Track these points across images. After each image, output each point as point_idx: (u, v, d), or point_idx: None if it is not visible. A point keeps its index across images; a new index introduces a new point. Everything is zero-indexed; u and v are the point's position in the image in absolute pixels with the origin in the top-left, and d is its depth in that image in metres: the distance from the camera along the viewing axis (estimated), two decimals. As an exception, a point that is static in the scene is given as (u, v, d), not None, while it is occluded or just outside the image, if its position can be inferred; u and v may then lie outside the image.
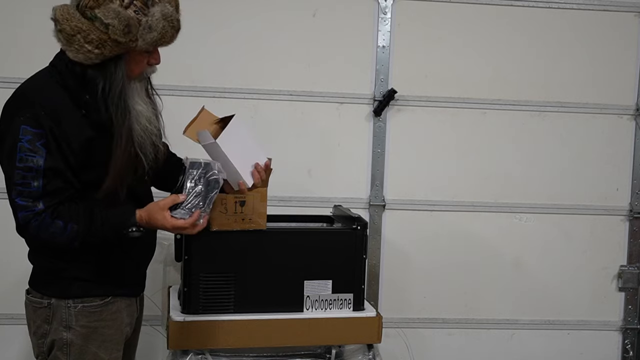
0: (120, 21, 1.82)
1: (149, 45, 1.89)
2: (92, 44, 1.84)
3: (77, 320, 2.02)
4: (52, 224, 1.89)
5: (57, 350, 2.03)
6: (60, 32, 1.88)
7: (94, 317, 2.04)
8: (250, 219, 2.40)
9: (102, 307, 2.06)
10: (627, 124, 3.40)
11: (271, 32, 3.20)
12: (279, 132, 3.22)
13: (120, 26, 1.82)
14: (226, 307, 2.44)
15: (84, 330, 2.03)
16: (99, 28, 1.83)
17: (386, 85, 3.25)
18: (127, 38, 1.84)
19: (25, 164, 1.85)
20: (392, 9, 3.23)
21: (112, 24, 1.82)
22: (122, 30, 1.83)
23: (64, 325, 2.02)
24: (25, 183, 1.86)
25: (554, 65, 3.34)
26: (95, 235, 1.94)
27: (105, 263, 2.05)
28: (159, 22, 1.88)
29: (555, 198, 3.39)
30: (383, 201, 3.30)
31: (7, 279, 3.12)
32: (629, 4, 3.33)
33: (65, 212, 1.91)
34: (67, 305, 2.02)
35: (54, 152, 1.87)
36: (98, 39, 1.84)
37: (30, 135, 1.85)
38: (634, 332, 3.47)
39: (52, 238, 1.90)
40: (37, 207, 1.87)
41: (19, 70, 3.04)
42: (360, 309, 2.54)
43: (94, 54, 1.85)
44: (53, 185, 1.89)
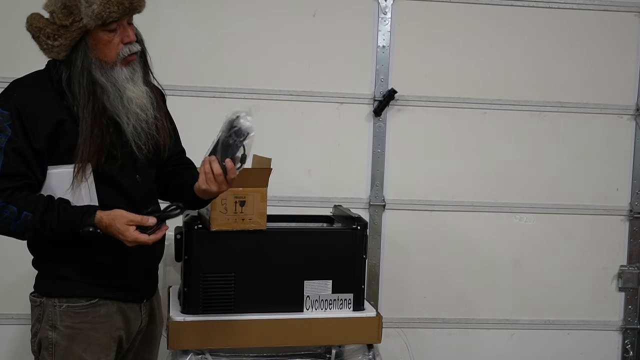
0: (58, 6, 1.85)
1: (97, 20, 1.84)
2: (50, 38, 1.88)
3: (62, 320, 1.99)
4: (6, 208, 1.84)
5: (44, 349, 2.00)
6: (33, 39, 1.92)
7: (79, 319, 2.00)
8: (250, 219, 2.40)
9: (88, 308, 2.00)
10: (627, 124, 3.40)
11: (271, 32, 3.20)
12: (279, 132, 3.22)
13: (59, 10, 1.85)
14: (226, 307, 2.44)
15: (68, 331, 1.99)
16: (49, 20, 1.88)
17: (386, 85, 3.25)
18: (71, 19, 1.85)
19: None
20: (392, 9, 3.23)
21: (54, 11, 1.86)
22: (63, 14, 1.84)
23: (50, 325, 1.99)
24: None
25: (554, 65, 3.34)
26: (48, 228, 1.86)
27: (92, 263, 1.99)
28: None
29: (555, 198, 3.39)
30: (383, 201, 3.30)
31: (7, 279, 3.12)
32: (629, 4, 3.33)
33: (22, 198, 1.86)
34: (54, 304, 1.99)
35: (20, 134, 1.86)
36: (52, 31, 1.87)
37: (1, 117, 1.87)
38: (634, 332, 3.47)
39: (5, 224, 1.85)
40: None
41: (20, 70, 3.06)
42: (360, 309, 2.54)
43: (57, 47, 1.88)
44: (12, 167, 1.85)
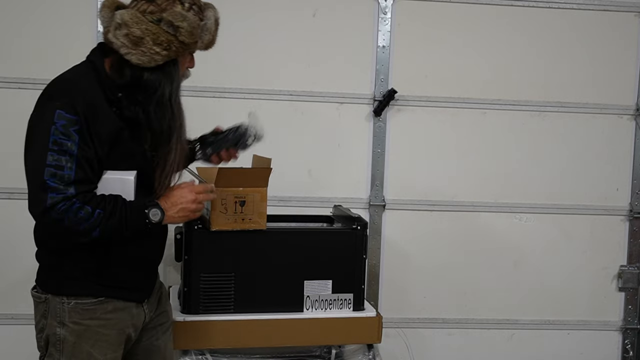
0: (189, 23, 1.92)
1: (204, 47, 2.02)
2: (160, 46, 1.91)
3: (70, 317, 2.00)
4: (82, 209, 1.86)
5: (52, 346, 2.02)
6: (126, 36, 1.90)
7: (87, 315, 2.01)
8: (250, 218, 2.40)
9: (95, 305, 2.02)
10: (627, 124, 3.40)
11: (271, 32, 3.20)
12: (279, 132, 3.22)
13: (188, 28, 1.92)
14: (226, 307, 2.44)
15: (76, 328, 2.00)
16: (167, 30, 1.91)
17: (386, 85, 3.25)
18: (192, 39, 1.95)
19: (59, 147, 1.85)
20: (392, 9, 3.23)
21: (182, 26, 1.91)
22: (189, 32, 1.93)
23: (57, 321, 2.01)
24: (59, 166, 1.85)
25: (554, 65, 3.34)
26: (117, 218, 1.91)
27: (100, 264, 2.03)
28: (212, 25, 2.01)
29: (555, 198, 3.39)
30: (383, 201, 3.30)
31: (7, 278, 3.12)
32: (629, 4, 3.33)
33: (94, 199, 1.91)
34: (62, 301, 2.00)
35: (87, 140, 1.88)
36: (167, 41, 1.91)
37: (65, 120, 1.86)
38: (634, 332, 3.47)
39: (76, 224, 1.87)
40: (68, 191, 1.85)
41: (19, 70, 3.07)
42: (360, 309, 2.54)
43: (161, 56, 1.92)
44: (83, 172, 1.89)
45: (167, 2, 1.92)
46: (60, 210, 1.84)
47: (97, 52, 2.01)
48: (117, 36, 1.90)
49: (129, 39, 1.89)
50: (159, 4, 1.91)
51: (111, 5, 1.97)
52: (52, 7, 3.06)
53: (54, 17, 3.06)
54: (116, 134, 1.94)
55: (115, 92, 1.95)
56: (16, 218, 3.07)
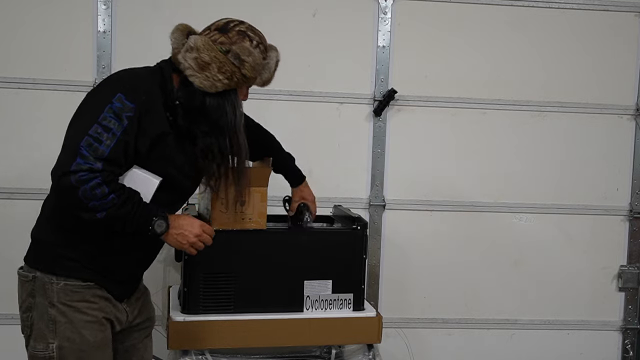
0: (254, 59, 2.06)
1: (261, 83, 2.15)
2: (223, 75, 2.03)
3: (59, 297, 2.04)
4: (100, 186, 1.89)
5: (43, 325, 2.06)
6: (195, 60, 2.01)
7: (76, 297, 2.05)
8: (250, 218, 2.40)
9: (84, 289, 2.06)
10: (627, 124, 3.40)
11: (271, 32, 3.18)
12: (279, 132, 3.22)
13: (252, 63, 2.05)
14: (226, 307, 2.44)
15: (66, 309, 2.04)
16: (232, 62, 2.03)
17: (386, 85, 3.25)
18: (253, 74, 2.07)
19: (106, 124, 1.91)
20: (392, 9, 3.23)
21: (247, 61, 2.04)
22: (252, 67, 2.06)
23: (48, 301, 2.04)
24: (98, 139, 1.89)
25: (554, 65, 3.34)
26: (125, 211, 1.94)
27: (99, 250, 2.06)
28: (272, 66, 2.17)
29: (555, 198, 3.39)
30: (383, 201, 3.29)
31: (7, 278, 3.11)
32: (629, 4, 3.33)
33: (115, 183, 1.94)
34: (50, 280, 2.04)
35: (134, 129, 1.95)
36: (230, 71, 2.03)
37: (121, 104, 1.93)
38: (634, 332, 3.47)
39: (87, 198, 1.89)
40: (95, 164, 1.88)
41: (19, 70, 3.07)
42: (360, 309, 2.54)
43: (222, 84, 2.03)
44: (117, 155, 1.93)
45: (238, 37, 2.06)
46: (80, 178, 1.87)
47: (168, 63, 2.10)
48: (186, 58, 2.02)
49: (196, 62, 2.01)
50: (231, 37, 2.06)
51: (184, 29, 2.12)
52: (51, 7, 3.06)
53: (53, 17, 3.06)
54: (161, 136, 2.01)
55: (173, 100, 2.04)
56: (16, 218, 3.08)
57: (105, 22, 3.07)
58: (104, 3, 3.06)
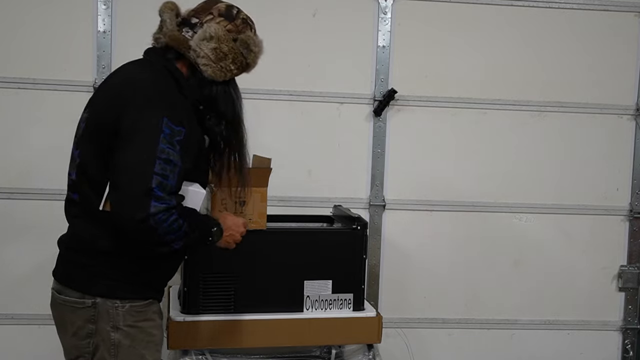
0: (259, 50, 2.07)
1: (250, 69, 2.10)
2: (235, 65, 2.02)
3: (125, 320, 1.98)
4: (176, 221, 1.85)
5: (104, 351, 1.98)
6: (214, 51, 1.98)
7: (141, 317, 2.01)
8: (250, 218, 2.40)
9: (146, 307, 2.03)
10: (627, 124, 3.40)
11: (271, 32, 3.18)
12: (279, 132, 3.22)
13: (259, 54, 2.07)
14: (226, 307, 2.44)
15: (131, 330, 1.99)
16: (242, 52, 2.03)
17: (386, 85, 3.25)
18: (254, 64, 2.09)
19: (166, 156, 1.83)
20: (392, 9, 3.23)
21: (254, 51, 2.05)
22: (256, 58, 2.07)
23: (111, 326, 1.98)
24: (165, 175, 1.83)
25: (554, 65, 3.34)
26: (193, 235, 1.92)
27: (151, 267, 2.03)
28: (259, 50, 2.10)
29: (555, 198, 3.39)
30: (383, 201, 3.29)
31: (7, 278, 3.12)
32: (629, 4, 3.33)
33: (184, 211, 1.91)
34: (114, 304, 1.97)
35: (185, 152, 1.89)
36: (239, 61, 2.03)
37: (170, 130, 1.85)
38: (634, 332, 3.47)
39: (166, 234, 1.85)
40: (171, 201, 1.83)
41: (19, 70, 3.07)
42: (360, 309, 2.54)
43: (232, 74, 2.03)
44: (180, 182, 1.90)
45: (243, 25, 2.05)
46: (159, 219, 1.81)
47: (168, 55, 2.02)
48: (202, 46, 1.97)
49: (215, 53, 1.97)
50: (237, 24, 2.03)
51: (174, 8, 2.05)
52: (51, 7, 3.06)
53: (53, 17, 3.06)
54: (199, 145, 2.01)
55: (197, 104, 2.01)
56: (16, 218, 3.08)
57: (105, 22, 3.07)
58: (104, 3, 3.06)
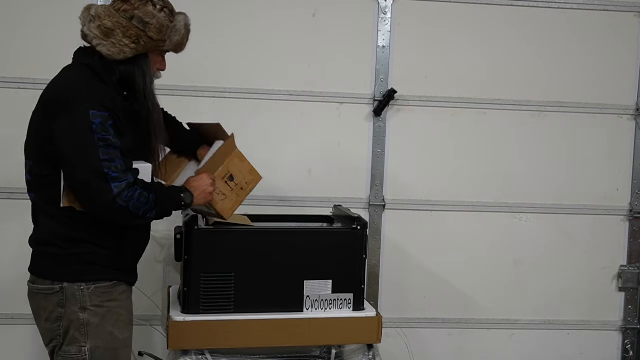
0: (158, 22, 2.11)
1: (172, 47, 2.18)
2: (129, 39, 2.09)
3: (92, 300, 2.13)
4: (142, 195, 2.05)
5: (75, 331, 2.13)
6: (99, 28, 2.09)
7: (106, 297, 2.15)
8: (246, 182, 2.41)
9: (112, 288, 2.17)
10: (627, 124, 3.40)
11: (271, 32, 3.20)
12: (279, 132, 3.22)
13: (157, 25, 2.11)
14: (226, 307, 2.44)
15: (99, 310, 2.14)
16: (137, 25, 2.09)
17: (386, 85, 3.25)
18: (160, 36, 2.13)
19: (104, 143, 2.01)
20: (392, 9, 3.23)
21: (151, 23, 2.10)
22: (157, 29, 2.11)
23: (79, 307, 2.12)
24: (111, 158, 2.01)
25: (554, 65, 3.34)
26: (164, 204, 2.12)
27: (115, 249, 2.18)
28: (181, 28, 2.19)
29: (555, 198, 3.39)
30: (383, 201, 3.29)
31: (7, 279, 3.12)
32: (629, 4, 3.33)
33: (145, 184, 2.10)
34: (80, 287, 2.12)
35: (120, 132, 2.06)
36: (136, 35, 2.09)
37: (100, 117, 2.01)
38: (634, 332, 3.47)
39: (138, 208, 2.05)
40: (128, 177, 2.03)
41: (19, 70, 3.07)
42: (360, 309, 2.54)
43: (130, 48, 2.09)
44: (128, 159, 2.07)
45: (140, 3, 2.11)
46: (126, 197, 2.02)
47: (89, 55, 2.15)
48: (90, 29, 2.11)
49: (100, 30, 2.09)
50: (133, 3, 2.11)
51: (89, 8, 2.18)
52: (51, 7, 3.06)
53: (53, 17, 3.06)
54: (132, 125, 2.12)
55: (121, 91, 2.12)
56: (16, 218, 3.07)
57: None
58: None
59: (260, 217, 2.75)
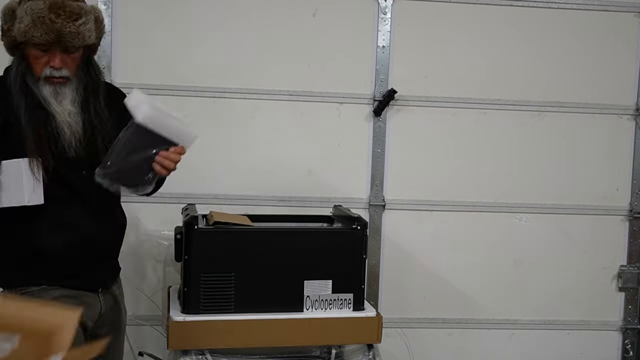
0: (4, 9, 2.05)
1: (21, 37, 2.01)
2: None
3: None
4: None
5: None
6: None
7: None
8: None
9: (41, 293, 2.07)
10: (627, 124, 3.40)
11: (271, 31, 3.20)
12: (279, 132, 3.22)
13: (2, 13, 2.06)
14: (226, 307, 2.44)
15: None
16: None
17: (386, 85, 3.25)
18: (6, 26, 2.05)
19: None
20: (392, 9, 3.23)
21: (1, 12, 2.06)
22: (4, 18, 2.06)
23: None
24: None
25: (554, 65, 3.34)
26: None
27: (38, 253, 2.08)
28: (26, 15, 2.00)
29: (555, 198, 3.39)
30: (383, 201, 3.30)
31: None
32: (629, 4, 3.33)
33: None
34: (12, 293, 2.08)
35: None
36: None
37: None
38: (634, 332, 3.47)
39: None
40: None
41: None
42: (360, 309, 2.54)
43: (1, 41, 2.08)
44: None
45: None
46: None
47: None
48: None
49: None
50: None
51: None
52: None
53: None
54: (4, 122, 2.03)
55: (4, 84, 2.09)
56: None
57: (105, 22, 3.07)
58: (104, 3, 3.06)
59: (260, 217, 2.75)
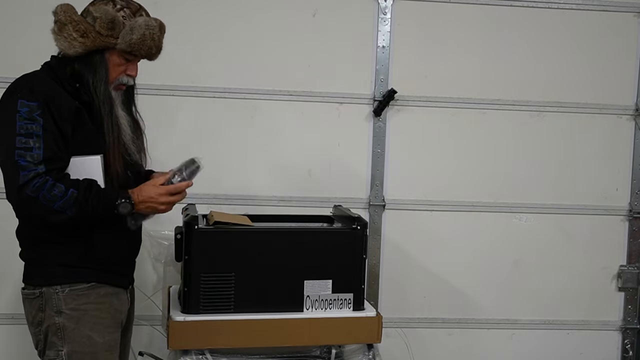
0: (107, 16, 2.08)
1: (128, 47, 2.11)
2: (78, 32, 2.08)
3: (66, 303, 2.11)
4: (55, 187, 1.97)
5: (52, 335, 2.11)
6: (55, 23, 2.11)
7: (83, 300, 2.12)
8: None
9: (88, 290, 2.14)
10: (627, 124, 3.40)
11: (271, 32, 3.20)
12: (279, 132, 3.23)
13: (105, 20, 2.08)
14: (226, 307, 2.44)
15: (74, 313, 2.11)
16: (87, 20, 2.10)
17: (386, 85, 3.25)
18: (108, 32, 2.09)
19: (26, 131, 1.98)
20: (392, 9, 3.23)
21: (99, 17, 2.08)
22: (106, 24, 2.08)
23: (54, 311, 2.11)
24: (27, 147, 1.97)
25: (553, 65, 3.34)
26: (90, 204, 2.02)
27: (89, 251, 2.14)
28: (140, 28, 2.12)
29: (555, 198, 3.39)
30: (383, 201, 3.30)
31: (7, 278, 3.12)
32: (629, 4, 3.34)
33: (67, 178, 2.02)
34: (55, 291, 2.11)
35: (49, 121, 2.01)
36: (84, 29, 2.08)
37: (27, 107, 2.00)
38: (634, 332, 3.48)
39: (50, 201, 1.97)
40: (38, 168, 1.97)
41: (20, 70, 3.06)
42: (360, 309, 2.54)
43: (78, 42, 2.08)
44: (51, 151, 2.00)
45: (101, 2, 2.13)
46: (34, 187, 1.96)
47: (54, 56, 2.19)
48: (53, 29, 2.13)
49: (56, 25, 2.11)
50: (94, 3, 2.14)
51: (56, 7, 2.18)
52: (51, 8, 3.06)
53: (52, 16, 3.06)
54: (76, 113, 2.06)
55: (72, 83, 2.11)
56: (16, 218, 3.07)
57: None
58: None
59: (260, 217, 2.74)
